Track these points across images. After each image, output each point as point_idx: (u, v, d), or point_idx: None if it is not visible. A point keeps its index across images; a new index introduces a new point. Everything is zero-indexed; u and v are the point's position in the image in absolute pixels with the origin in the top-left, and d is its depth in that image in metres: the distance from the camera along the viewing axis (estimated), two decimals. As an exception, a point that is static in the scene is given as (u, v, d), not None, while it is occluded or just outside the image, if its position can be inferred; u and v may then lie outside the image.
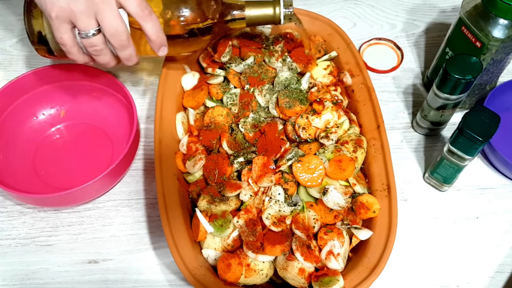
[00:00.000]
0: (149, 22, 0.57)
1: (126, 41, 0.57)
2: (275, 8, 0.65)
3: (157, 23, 0.58)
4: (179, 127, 0.73)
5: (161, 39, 0.60)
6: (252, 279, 0.61)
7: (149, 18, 0.57)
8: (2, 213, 0.74)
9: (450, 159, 0.67)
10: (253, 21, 0.66)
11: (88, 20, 0.54)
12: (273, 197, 0.64)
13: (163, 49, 0.61)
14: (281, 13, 0.65)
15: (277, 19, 0.65)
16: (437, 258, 0.70)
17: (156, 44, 0.60)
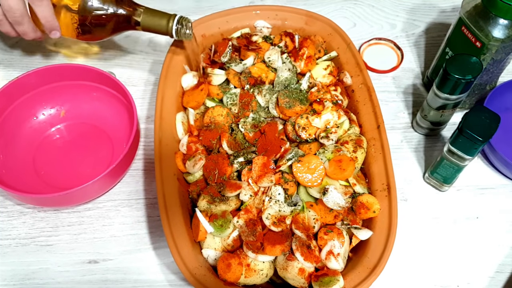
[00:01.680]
0: (39, 7, 0.63)
1: (19, 18, 0.63)
2: (169, 21, 0.67)
3: (47, 8, 0.63)
4: (179, 127, 0.73)
5: (51, 23, 0.65)
6: (252, 279, 0.61)
7: (39, 2, 0.62)
8: (2, 213, 0.74)
9: (450, 159, 0.67)
10: (147, 28, 0.68)
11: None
12: (273, 197, 0.64)
13: (54, 33, 0.67)
14: (173, 28, 0.67)
15: (169, 32, 0.68)
16: (437, 258, 0.70)
17: (46, 28, 0.66)
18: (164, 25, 0.67)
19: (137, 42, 0.93)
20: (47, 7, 0.64)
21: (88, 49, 0.92)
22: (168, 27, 0.67)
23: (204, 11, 0.95)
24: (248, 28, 0.83)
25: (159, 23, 0.67)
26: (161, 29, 0.68)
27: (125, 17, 0.67)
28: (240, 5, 0.90)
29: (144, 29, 0.68)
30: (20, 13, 0.63)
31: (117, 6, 0.67)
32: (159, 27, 0.67)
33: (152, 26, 0.68)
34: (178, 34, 0.68)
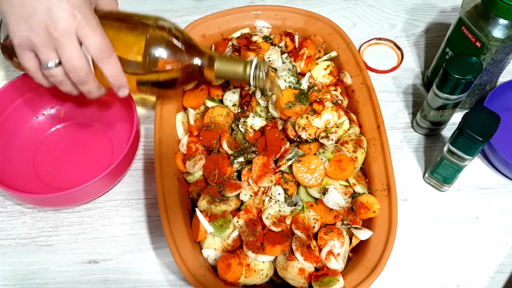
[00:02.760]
0: (107, 65, 0.56)
1: (84, 77, 0.56)
2: (245, 67, 0.62)
3: (115, 66, 0.57)
4: (179, 127, 0.73)
5: (120, 82, 0.59)
6: (252, 279, 0.61)
7: (107, 61, 0.56)
8: (2, 213, 0.74)
9: (450, 159, 0.67)
10: (222, 75, 0.63)
11: (48, 52, 0.54)
12: (273, 197, 0.64)
13: (123, 90, 0.60)
14: (251, 74, 0.62)
15: (246, 79, 0.62)
16: (437, 258, 0.70)
17: (114, 86, 0.59)
18: (241, 72, 0.62)
19: (137, 42, 0.92)
20: (115, 64, 0.57)
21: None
22: (246, 74, 0.62)
23: (204, 11, 0.95)
24: (248, 28, 0.83)
25: (235, 70, 0.62)
26: (237, 76, 0.62)
27: (198, 67, 0.62)
28: (240, 5, 0.90)
29: (218, 77, 0.63)
30: (85, 72, 0.56)
31: (188, 55, 0.61)
32: (236, 74, 0.62)
33: (228, 74, 0.62)
34: (256, 80, 0.63)
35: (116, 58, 0.57)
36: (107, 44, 0.55)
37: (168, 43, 0.59)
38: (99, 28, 0.54)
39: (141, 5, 0.97)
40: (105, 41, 0.55)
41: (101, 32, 0.55)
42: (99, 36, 0.54)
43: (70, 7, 0.52)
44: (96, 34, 0.54)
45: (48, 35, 0.53)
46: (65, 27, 0.52)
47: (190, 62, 0.61)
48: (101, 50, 0.55)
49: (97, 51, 0.54)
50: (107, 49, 0.55)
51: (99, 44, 0.54)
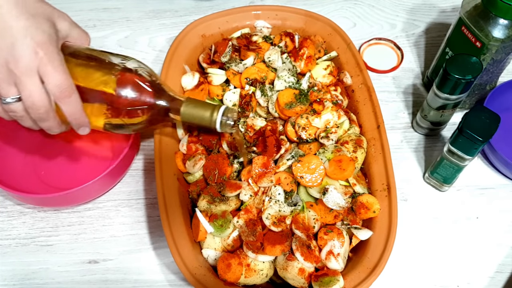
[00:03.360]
0: (67, 105, 0.55)
1: (44, 114, 0.55)
2: (213, 112, 0.60)
3: (75, 105, 0.56)
4: (179, 127, 0.73)
5: (79, 121, 0.57)
6: (252, 279, 0.61)
7: (67, 100, 0.54)
8: (2, 213, 0.74)
9: (450, 159, 0.67)
10: (188, 120, 0.61)
11: (7, 87, 0.53)
12: (273, 197, 0.64)
13: (83, 129, 0.59)
14: (217, 120, 0.60)
15: (212, 124, 0.61)
16: (437, 258, 0.70)
17: (73, 125, 0.58)
18: (208, 118, 0.60)
19: (137, 42, 0.93)
20: (75, 103, 0.55)
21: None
22: (212, 120, 0.60)
23: (204, 11, 0.95)
24: (248, 28, 0.83)
25: (202, 115, 0.60)
26: (203, 121, 0.61)
27: (165, 109, 0.60)
28: (240, 5, 0.90)
29: (185, 121, 0.61)
30: (45, 110, 0.54)
31: (155, 98, 0.59)
32: (202, 119, 0.61)
33: (194, 118, 0.61)
34: (223, 127, 0.61)
35: (77, 98, 0.55)
36: (69, 84, 0.54)
37: (134, 84, 0.58)
38: (61, 67, 0.53)
39: (141, 5, 0.98)
40: (66, 80, 0.54)
41: (64, 70, 0.53)
42: (60, 75, 0.53)
43: (33, 44, 0.51)
44: (57, 72, 0.53)
45: (9, 71, 0.51)
46: (27, 64, 0.51)
47: (156, 104, 0.59)
48: (61, 89, 0.53)
49: (57, 89, 0.53)
50: (68, 88, 0.54)
51: (59, 83, 0.53)
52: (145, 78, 0.59)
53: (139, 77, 0.58)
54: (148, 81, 0.59)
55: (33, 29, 0.51)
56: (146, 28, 0.94)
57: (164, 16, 0.96)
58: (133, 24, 0.95)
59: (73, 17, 0.98)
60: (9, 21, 0.50)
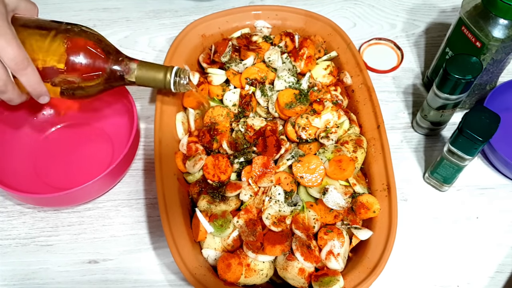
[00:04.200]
0: (24, 76, 0.56)
1: (2, 87, 0.56)
2: (166, 74, 0.63)
3: (32, 76, 0.57)
4: (179, 127, 0.73)
5: (38, 91, 0.59)
6: (252, 279, 0.61)
7: (24, 72, 0.56)
8: (2, 213, 0.74)
9: (450, 159, 0.67)
10: (143, 83, 0.64)
11: None
12: (273, 197, 0.64)
13: (43, 98, 0.61)
14: (171, 80, 0.63)
15: (167, 85, 0.63)
16: (437, 258, 0.70)
17: (33, 95, 0.60)
18: (161, 79, 0.63)
19: (137, 42, 0.93)
20: (32, 74, 0.57)
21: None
22: (166, 80, 0.63)
23: (204, 11, 0.95)
24: (248, 28, 0.83)
25: (155, 77, 0.63)
26: (157, 83, 0.64)
27: (119, 73, 0.62)
28: (240, 5, 0.90)
29: (139, 84, 0.64)
30: (3, 83, 0.56)
31: (108, 63, 0.61)
32: (156, 81, 0.63)
33: (148, 81, 0.63)
34: (176, 87, 0.64)
35: (33, 68, 0.57)
36: (23, 55, 0.55)
37: (87, 50, 0.60)
38: (14, 40, 0.54)
39: (141, 5, 0.98)
40: (21, 52, 0.55)
41: (17, 43, 0.54)
42: (14, 48, 0.54)
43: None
44: (11, 46, 0.54)
45: None
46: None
47: (111, 68, 0.61)
48: (17, 61, 0.54)
49: (13, 62, 0.54)
50: (24, 60, 0.55)
51: (14, 56, 0.54)
52: (96, 44, 0.60)
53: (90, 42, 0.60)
54: (100, 47, 0.60)
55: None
56: (146, 28, 0.94)
57: (164, 16, 0.96)
58: (133, 24, 0.95)
59: (73, 17, 0.99)
60: None
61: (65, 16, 0.96)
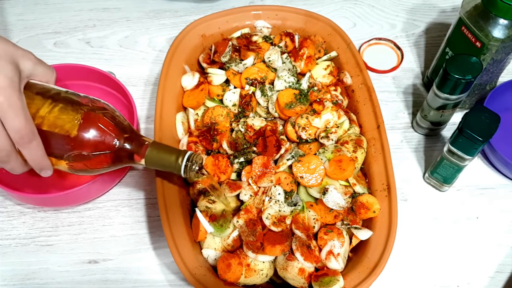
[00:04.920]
0: (27, 150, 0.53)
1: (5, 157, 0.53)
2: (178, 157, 0.57)
3: (36, 150, 0.54)
4: (179, 127, 0.73)
5: (41, 165, 0.56)
6: (252, 279, 0.61)
7: (28, 146, 0.53)
8: (2, 213, 0.74)
9: (450, 159, 0.67)
10: (152, 165, 0.59)
11: None
12: (273, 197, 0.64)
13: (45, 172, 0.57)
14: (182, 165, 0.57)
15: (176, 170, 0.58)
16: (437, 258, 0.70)
17: (36, 169, 0.57)
18: (172, 163, 0.57)
19: (137, 42, 0.93)
20: (36, 149, 0.54)
21: (85, 50, 0.92)
22: (176, 165, 0.57)
23: (204, 11, 0.95)
24: (248, 28, 0.83)
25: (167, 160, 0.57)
26: (167, 167, 0.58)
27: (129, 152, 0.58)
28: (240, 5, 0.90)
29: (148, 164, 0.58)
30: (6, 153, 0.53)
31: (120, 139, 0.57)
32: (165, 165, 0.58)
33: (158, 163, 0.58)
34: (187, 172, 0.58)
35: (38, 143, 0.54)
36: (29, 129, 0.52)
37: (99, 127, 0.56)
38: (22, 111, 0.51)
39: (141, 5, 0.98)
40: (27, 125, 0.52)
41: (25, 116, 0.52)
42: (21, 121, 0.51)
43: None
44: (18, 118, 0.51)
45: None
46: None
47: (121, 147, 0.57)
48: (21, 135, 0.52)
49: (18, 135, 0.52)
50: (29, 134, 0.52)
51: (19, 128, 0.51)
52: (109, 121, 0.57)
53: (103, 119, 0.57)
54: (113, 124, 0.57)
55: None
56: (146, 28, 0.94)
57: (164, 16, 0.96)
58: (133, 24, 0.95)
59: (73, 17, 0.99)
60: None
61: (65, 16, 0.96)
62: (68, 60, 0.90)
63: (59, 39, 0.92)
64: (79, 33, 0.93)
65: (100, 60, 0.90)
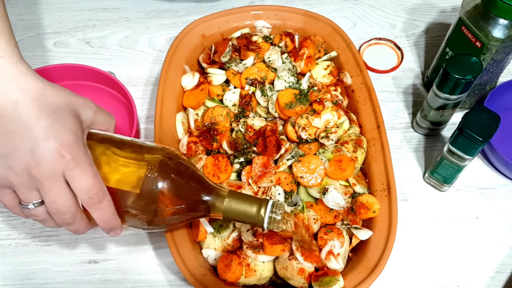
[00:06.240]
0: (97, 210, 0.49)
1: (70, 219, 0.49)
2: (260, 208, 0.51)
3: (107, 210, 0.49)
4: (179, 127, 0.73)
5: (111, 225, 0.51)
6: (252, 279, 0.61)
7: (98, 206, 0.48)
8: (2, 213, 0.74)
9: (450, 159, 0.67)
10: (231, 215, 0.53)
11: (28, 192, 0.47)
12: (273, 197, 0.64)
13: (115, 232, 0.53)
14: (266, 217, 0.51)
15: (259, 221, 0.51)
16: (437, 258, 0.70)
17: (105, 230, 0.52)
18: (254, 215, 0.51)
19: (137, 42, 0.93)
20: (107, 208, 0.49)
21: (85, 50, 0.92)
22: (259, 218, 0.51)
23: (204, 11, 0.95)
24: (248, 28, 0.83)
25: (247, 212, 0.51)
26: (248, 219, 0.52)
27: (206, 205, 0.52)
28: (240, 5, 0.90)
29: (227, 217, 0.53)
30: (71, 215, 0.48)
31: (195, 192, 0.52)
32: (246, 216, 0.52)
33: (237, 216, 0.52)
34: (271, 224, 0.52)
35: (109, 201, 0.49)
36: (99, 187, 0.48)
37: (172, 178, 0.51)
38: (90, 169, 0.47)
39: (141, 5, 0.97)
40: (96, 184, 0.48)
41: (93, 173, 0.47)
42: (90, 179, 0.47)
43: (57, 146, 0.45)
44: (86, 176, 0.47)
45: (30, 177, 0.45)
46: (51, 169, 0.45)
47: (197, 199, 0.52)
48: (91, 195, 0.47)
49: (87, 195, 0.47)
50: (99, 193, 0.48)
51: (88, 188, 0.47)
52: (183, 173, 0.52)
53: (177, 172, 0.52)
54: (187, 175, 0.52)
55: (56, 129, 0.45)
56: (146, 28, 0.94)
57: (164, 16, 0.96)
58: (133, 24, 0.95)
59: (73, 17, 0.99)
60: (28, 122, 0.44)
61: (65, 16, 0.96)
62: (68, 60, 0.90)
63: (59, 39, 0.92)
64: (79, 33, 0.93)
65: (100, 60, 0.90)
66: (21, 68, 0.46)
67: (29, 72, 0.46)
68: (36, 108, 0.45)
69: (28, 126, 0.44)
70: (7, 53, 0.45)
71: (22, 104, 0.44)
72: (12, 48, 0.46)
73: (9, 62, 0.45)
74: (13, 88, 0.44)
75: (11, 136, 0.45)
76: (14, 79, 0.45)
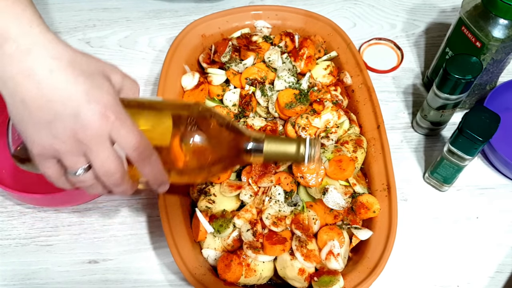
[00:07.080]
0: (148, 166, 0.49)
1: (119, 179, 0.48)
2: (299, 146, 0.54)
3: (156, 165, 0.50)
4: (179, 127, 0.73)
5: (161, 179, 0.52)
6: (252, 279, 0.61)
7: (148, 161, 0.49)
8: (2, 213, 0.74)
9: (450, 159, 0.67)
10: (272, 157, 0.55)
11: (76, 158, 0.46)
12: (273, 197, 0.64)
13: (163, 187, 0.53)
14: (306, 153, 0.54)
15: (300, 158, 0.54)
16: (437, 258, 0.70)
17: (154, 185, 0.52)
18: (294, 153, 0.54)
19: (137, 42, 0.93)
20: (156, 163, 0.50)
21: (85, 50, 0.92)
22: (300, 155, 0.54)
23: (204, 11, 0.95)
24: (248, 28, 0.83)
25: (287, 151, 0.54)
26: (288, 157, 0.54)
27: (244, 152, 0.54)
28: (240, 5, 0.90)
29: (267, 159, 0.55)
30: (121, 175, 0.48)
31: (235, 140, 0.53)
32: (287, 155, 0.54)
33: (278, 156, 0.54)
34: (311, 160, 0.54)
35: (157, 156, 0.49)
36: (146, 143, 0.48)
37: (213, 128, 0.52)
38: (135, 127, 0.47)
39: (141, 5, 0.98)
40: (143, 140, 0.48)
41: (138, 131, 0.47)
42: (136, 137, 0.47)
43: (101, 108, 0.45)
44: (133, 133, 0.47)
45: (77, 142, 0.45)
46: (97, 132, 0.45)
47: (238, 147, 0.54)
48: (140, 151, 0.47)
49: (136, 153, 0.47)
50: (147, 149, 0.48)
51: (137, 145, 0.47)
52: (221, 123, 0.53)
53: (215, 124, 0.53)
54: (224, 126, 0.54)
55: (96, 92, 0.45)
56: (146, 28, 0.94)
57: (164, 16, 0.96)
58: (133, 24, 0.95)
59: (73, 17, 0.99)
60: (66, 88, 0.44)
61: (65, 16, 0.96)
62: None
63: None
64: (79, 33, 0.93)
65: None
66: (49, 36, 0.45)
67: (57, 40, 0.46)
68: (71, 74, 0.45)
69: (67, 92, 0.44)
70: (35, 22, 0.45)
71: (57, 71, 0.44)
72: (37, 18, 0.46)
73: (38, 31, 0.45)
74: (46, 56, 0.44)
75: (51, 104, 0.44)
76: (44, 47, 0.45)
